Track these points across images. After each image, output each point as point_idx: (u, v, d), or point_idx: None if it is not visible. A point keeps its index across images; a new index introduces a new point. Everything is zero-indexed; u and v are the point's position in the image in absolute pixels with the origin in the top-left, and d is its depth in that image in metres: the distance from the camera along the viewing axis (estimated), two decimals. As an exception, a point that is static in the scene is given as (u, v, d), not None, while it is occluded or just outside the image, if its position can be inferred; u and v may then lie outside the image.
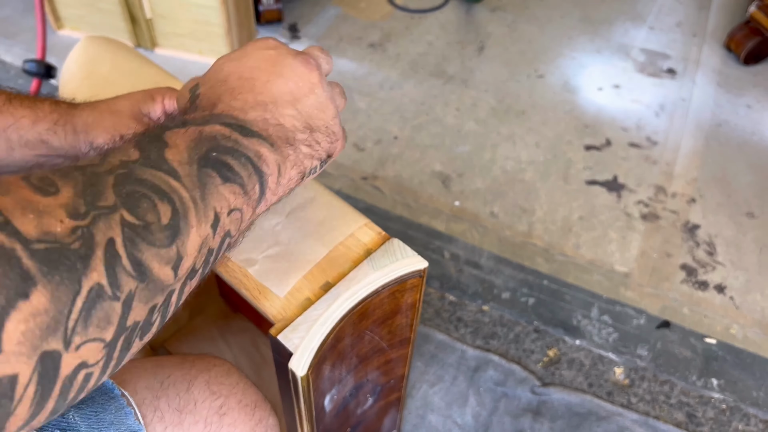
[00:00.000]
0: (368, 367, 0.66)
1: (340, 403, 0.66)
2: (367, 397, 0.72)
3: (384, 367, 0.69)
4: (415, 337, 0.67)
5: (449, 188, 1.33)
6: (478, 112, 1.50)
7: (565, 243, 1.24)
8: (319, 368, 0.53)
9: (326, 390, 0.60)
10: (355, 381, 0.66)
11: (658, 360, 1.07)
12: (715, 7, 1.84)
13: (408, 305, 0.61)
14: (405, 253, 0.56)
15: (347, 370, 0.62)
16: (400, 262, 0.56)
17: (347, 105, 1.49)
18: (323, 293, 0.53)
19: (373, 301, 0.55)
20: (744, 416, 1.01)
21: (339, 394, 0.64)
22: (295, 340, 0.50)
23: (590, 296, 1.16)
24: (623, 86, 1.59)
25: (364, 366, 0.65)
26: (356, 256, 0.56)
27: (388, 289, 0.56)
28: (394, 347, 0.66)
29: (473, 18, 1.78)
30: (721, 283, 1.19)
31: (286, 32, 1.66)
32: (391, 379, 0.73)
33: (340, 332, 0.54)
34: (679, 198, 1.34)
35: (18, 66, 1.50)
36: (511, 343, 1.08)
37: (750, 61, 1.64)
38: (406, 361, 0.72)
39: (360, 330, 0.58)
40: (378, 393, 0.74)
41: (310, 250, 0.56)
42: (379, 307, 0.57)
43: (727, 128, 1.50)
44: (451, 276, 1.17)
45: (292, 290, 0.53)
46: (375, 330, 0.60)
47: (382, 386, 0.73)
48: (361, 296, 0.53)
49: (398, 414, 0.85)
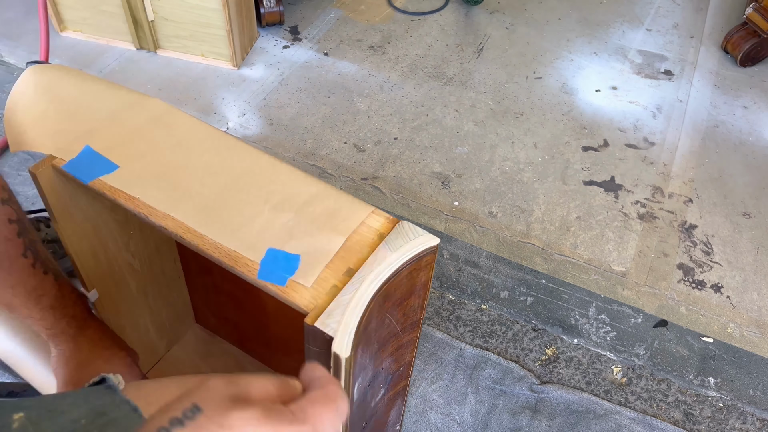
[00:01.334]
0: (384, 353, 0.67)
1: (361, 394, 0.67)
2: (380, 388, 0.74)
3: (396, 353, 0.70)
4: (423, 318, 0.69)
5: (448, 189, 1.34)
6: (477, 113, 1.52)
7: (562, 243, 1.25)
8: (355, 351, 0.54)
9: (357, 377, 0.61)
10: (374, 369, 0.67)
11: (655, 359, 1.08)
12: (712, 9, 1.86)
13: (422, 284, 0.63)
14: (416, 232, 0.59)
15: (370, 356, 0.63)
16: (414, 242, 0.58)
17: (348, 107, 1.50)
18: (348, 279, 0.55)
19: (394, 282, 0.57)
20: (741, 414, 1.02)
21: (362, 383, 0.65)
22: (333, 325, 0.51)
23: (588, 295, 1.17)
24: (621, 88, 1.60)
25: (381, 352, 0.66)
26: (371, 242, 0.58)
27: (407, 268, 0.57)
28: (406, 330, 0.68)
29: (472, 20, 1.79)
30: (717, 282, 1.20)
31: (287, 34, 1.68)
32: (401, 366, 0.75)
33: (370, 315, 0.55)
34: (676, 198, 1.35)
35: (21, 68, 1.51)
36: (509, 341, 1.09)
37: (746, 62, 1.66)
38: (414, 346, 0.73)
39: (383, 312, 0.59)
40: (389, 383, 0.75)
41: (327, 240, 0.58)
42: (399, 288, 0.59)
43: (723, 129, 1.51)
44: (451, 275, 1.18)
45: (318, 280, 0.55)
46: (393, 312, 0.62)
47: (392, 374, 0.74)
48: (385, 276, 0.55)
49: (403, 405, 0.86)
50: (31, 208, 1.22)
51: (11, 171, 1.28)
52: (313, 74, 1.58)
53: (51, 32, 1.53)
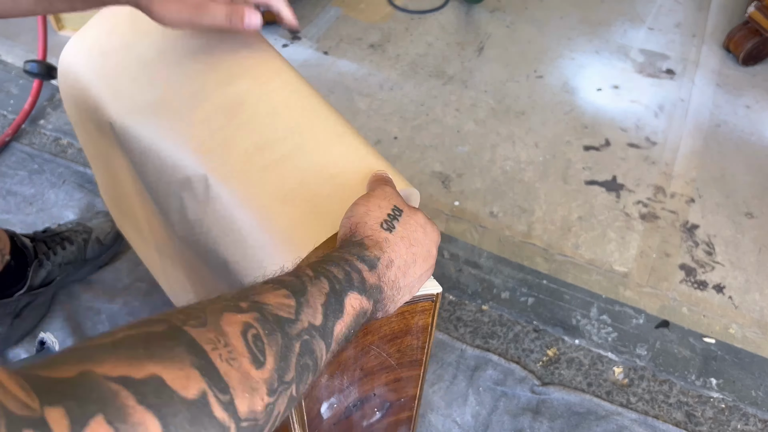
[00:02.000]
0: (375, 382, 0.66)
1: (341, 413, 0.66)
2: (374, 411, 0.72)
3: (393, 385, 0.69)
4: (428, 360, 0.67)
5: (449, 188, 1.33)
6: (478, 112, 1.51)
7: (564, 243, 1.24)
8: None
9: (323, 398, 0.60)
10: (360, 394, 0.66)
11: (657, 359, 1.08)
12: (714, 7, 1.85)
13: (419, 327, 0.61)
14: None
15: (350, 381, 0.62)
16: None
17: (347, 106, 1.50)
18: None
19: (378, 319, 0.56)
20: (743, 416, 1.01)
21: (340, 403, 0.64)
22: None
23: (589, 296, 1.16)
24: (622, 87, 1.59)
25: (370, 380, 0.65)
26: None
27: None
28: (404, 367, 0.66)
29: (473, 19, 1.78)
30: (720, 282, 1.20)
31: (287, 33, 1.67)
32: (402, 397, 0.73)
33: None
34: (678, 198, 1.34)
35: (19, 66, 1.51)
36: (510, 342, 1.08)
37: (749, 61, 1.65)
38: (418, 382, 0.71)
39: (364, 344, 0.58)
40: (387, 409, 0.74)
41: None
42: (386, 325, 0.58)
43: (726, 128, 1.50)
44: (451, 275, 1.17)
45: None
46: (382, 347, 0.60)
47: (391, 403, 0.73)
48: None
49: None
50: (28, 210, 1.21)
51: (9, 170, 1.27)
52: (312, 73, 1.57)
53: (49, 31, 1.52)
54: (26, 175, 1.26)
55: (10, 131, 1.32)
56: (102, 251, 1.09)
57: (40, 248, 0.99)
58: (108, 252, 1.11)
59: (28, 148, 1.32)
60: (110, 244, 1.10)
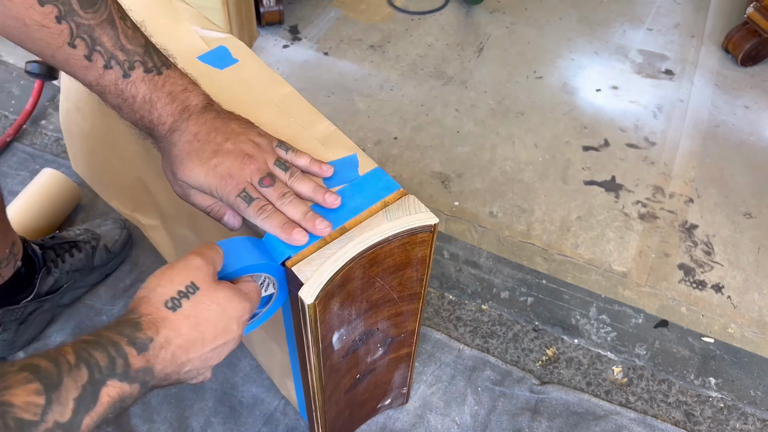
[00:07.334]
0: (379, 315, 0.70)
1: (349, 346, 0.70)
2: (377, 347, 0.76)
3: (395, 319, 0.73)
4: (425, 293, 0.71)
5: (449, 188, 1.34)
6: (478, 113, 1.51)
7: (563, 243, 1.25)
8: (327, 302, 0.58)
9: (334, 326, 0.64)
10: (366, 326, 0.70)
11: (656, 359, 1.08)
12: (713, 8, 1.85)
13: (418, 259, 0.65)
14: (419, 208, 0.62)
15: (357, 313, 0.66)
16: (412, 216, 0.61)
17: (347, 107, 1.50)
18: (338, 236, 0.58)
19: (383, 249, 0.60)
20: (742, 415, 1.02)
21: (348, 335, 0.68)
22: (307, 273, 0.55)
23: (588, 296, 1.16)
24: (621, 87, 1.60)
25: (374, 313, 0.69)
26: (374, 208, 0.61)
27: (398, 239, 0.60)
28: (405, 300, 0.70)
29: (472, 20, 1.79)
30: (718, 282, 1.20)
31: (287, 34, 1.67)
32: (402, 333, 0.77)
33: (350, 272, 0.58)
34: (677, 198, 1.34)
35: (21, 67, 1.51)
36: (509, 342, 1.09)
37: (747, 62, 1.65)
38: (416, 317, 0.75)
39: (370, 275, 0.62)
40: (388, 345, 0.77)
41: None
42: (390, 256, 0.62)
43: (724, 129, 1.50)
44: (451, 275, 1.18)
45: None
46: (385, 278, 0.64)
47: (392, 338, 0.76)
48: (372, 242, 0.58)
49: (408, 371, 0.88)
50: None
51: (10, 171, 1.28)
52: (312, 74, 1.58)
53: (50, 32, 1.53)
54: (28, 175, 1.26)
55: (11, 131, 1.33)
56: (109, 259, 1.08)
57: (48, 255, 0.98)
58: (115, 260, 1.10)
59: (29, 149, 1.32)
60: (118, 251, 1.10)
